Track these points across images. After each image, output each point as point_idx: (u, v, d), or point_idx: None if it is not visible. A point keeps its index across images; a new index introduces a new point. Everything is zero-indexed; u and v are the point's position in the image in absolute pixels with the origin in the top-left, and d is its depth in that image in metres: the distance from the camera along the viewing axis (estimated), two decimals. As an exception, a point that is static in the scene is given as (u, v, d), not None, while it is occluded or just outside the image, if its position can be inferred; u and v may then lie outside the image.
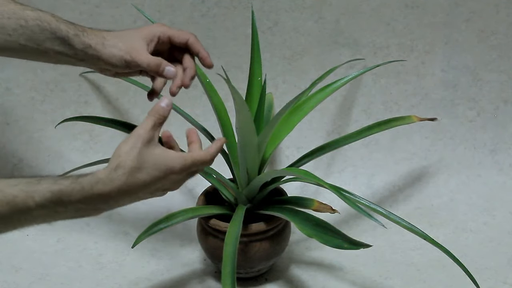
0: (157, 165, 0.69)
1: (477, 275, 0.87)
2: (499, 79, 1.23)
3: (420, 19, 1.18)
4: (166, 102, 0.73)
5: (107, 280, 1.03)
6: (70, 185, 0.66)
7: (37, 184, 0.65)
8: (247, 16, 1.15)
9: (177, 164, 0.70)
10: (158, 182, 0.69)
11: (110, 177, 0.67)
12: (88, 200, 0.66)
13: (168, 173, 0.69)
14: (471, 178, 1.25)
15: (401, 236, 1.07)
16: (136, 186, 0.68)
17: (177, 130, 1.21)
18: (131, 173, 0.67)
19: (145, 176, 0.68)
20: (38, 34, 0.78)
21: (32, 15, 0.78)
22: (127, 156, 0.67)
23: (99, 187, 0.66)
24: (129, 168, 0.67)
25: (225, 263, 0.82)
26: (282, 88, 1.22)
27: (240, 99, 0.79)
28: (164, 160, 0.69)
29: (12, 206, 0.63)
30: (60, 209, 0.66)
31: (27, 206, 0.64)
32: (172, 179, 0.71)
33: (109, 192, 0.67)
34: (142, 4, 1.14)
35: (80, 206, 0.67)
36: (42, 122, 1.20)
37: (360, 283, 1.01)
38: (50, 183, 0.65)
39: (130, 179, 0.67)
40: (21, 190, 0.64)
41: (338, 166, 1.26)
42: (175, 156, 0.70)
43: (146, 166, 0.68)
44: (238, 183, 0.98)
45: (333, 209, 0.90)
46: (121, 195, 0.68)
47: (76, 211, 0.67)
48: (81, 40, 0.79)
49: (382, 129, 1.02)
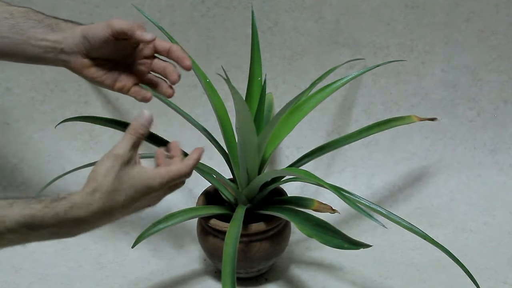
0: (135, 186, 0.67)
1: (477, 275, 0.87)
2: (499, 79, 1.23)
3: (420, 19, 1.18)
4: (146, 119, 0.69)
5: (107, 280, 1.03)
6: (43, 210, 0.64)
7: (9, 208, 0.63)
8: (247, 16, 1.15)
9: (155, 182, 0.68)
10: (136, 201, 0.68)
11: (85, 202, 0.65)
12: (61, 224, 0.65)
13: (146, 192, 0.68)
14: (471, 178, 1.25)
15: (401, 236, 1.07)
16: (114, 208, 0.67)
17: (177, 130, 1.22)
18: (108, 197, 0.66)
19: (123, 198, 0.67)
20: (21, 23, 0.77)
21: (20, 9, 0.78)
22: (104, 180, 0.66)
23: (73, 212, 0.65)
24: (106, 192, 0.65)
25: (225, 263, 0.82)
26: (282, 88, 1.22)
27: (240, 99, 0.79)
28: (142, 179, 0.68)
29: None
30: (32, 232, 0.65)
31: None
32: (151, 196, 0.70)
33: (84, 217, 0.65)
34: (142, 4, 1.14)
35: (53, 230, 0.65)
36: (42, 122, 1.20)
37: (360, 283, 1.01)
38: (21, 207, 0.64)
39: (107, 203, 0.66)
40: None
41: (338, 166, 1.26)
42: (152, 174, 0.68)
43: (124, 187, 0.67)
44: (238, 183, 0.98)
45: (333, 209, 0.90)
46: (97, 218, 0.66)
47: (49, 234, 0.66)
48: (70, 24, 0.78)
49: (382, 129, 1.02)
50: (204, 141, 1.05)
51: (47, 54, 0.79)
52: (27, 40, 0.78)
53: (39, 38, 0.78)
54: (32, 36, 0.78)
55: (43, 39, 0.78)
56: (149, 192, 0.68)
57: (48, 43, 0.78)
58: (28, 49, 0.78)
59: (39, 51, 0.79)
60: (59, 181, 0.98)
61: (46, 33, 0.78)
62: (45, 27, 0.78)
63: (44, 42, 0.78)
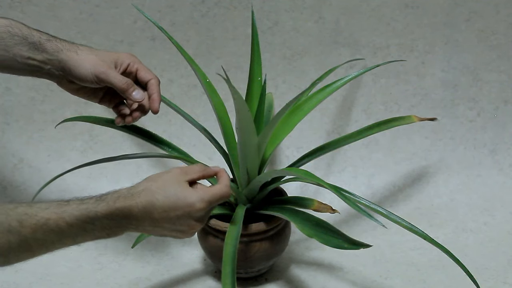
0: (177, 195, 0.72)
1: (477, 275, 0.87)
2: (499, 79, 1.23)
3: (420, 19, 1.18)
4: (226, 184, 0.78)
5: (107, 280, 1.03)
6: (95, 202, 0.70)
7: (66, 205, 0.69)
8: (247, 16, 1.15)
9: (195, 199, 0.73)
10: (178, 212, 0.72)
11: (130, 192, 0.72)
12: (112, 215, 0.70)
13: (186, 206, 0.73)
14: (471, 178, 1.25)
15: (401, 236, 1.07)
16: (155, 207, 0.71)
17: (177, 130, 1.23)
18: (151, 192, 0.72)
19: (164, 200, 0.72)
20: (7, 39, 0.79)
21: (3, 22, 0.79)
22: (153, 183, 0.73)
23: (120, 202, 0.70)
24: (150, 189, 0.72)
25: (225, 263, 0.82)
26: (282, 88, 1.22)
27: (240, 99, 0.79)
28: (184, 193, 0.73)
29: (45, 229, 0.67)
30: (88, 226, 0.69)
31: (59, 227, 0.67)
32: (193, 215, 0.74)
33: (129, 207, 0.71)
34: (142, 4, 1.14)
35: (106, 222, 0.70)
36: (42, 122, 1.20)
37: (360, 283, 1.01)
38: (77, 203, 0.69)
39: (149, 197, 0.71)
40: (52, 213, 0.67)
41: (338, 166, 1.26)
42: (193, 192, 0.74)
43: (167, 191, 0.72)
44: (238, 183, 0.98)
45: (333, 209, 0.90)
46: (142, 214, 0.71)
47: (102, 228, 0.70)
48: (53, 44, 0.80)
49: (382, 129, 1.02)
50: (204, 141, 1.05)
51: (34, 73, 0.81)
52: (14, 57, 0.79)
53: (25, 56, 0.79)
54: (17, 54, 0.79)
55: (29, 57, 0.80)
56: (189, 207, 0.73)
57: (35, 62, 0.80)
58: (15, 65, 0.80)
59: (26, 68, 0.80)
60: (59, 180, 0.98)
61: (32, 53, 0.79)
62: (29, 45, 0.79)
63: (30, 61, 0.80)
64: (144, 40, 1.17)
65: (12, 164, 1.21)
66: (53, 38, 0.81)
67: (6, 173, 1.20)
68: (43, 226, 0.66)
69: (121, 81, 0.80)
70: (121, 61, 0.83)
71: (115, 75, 0.80)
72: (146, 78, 0.84)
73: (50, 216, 0.67)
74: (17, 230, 0.65)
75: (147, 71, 0.84)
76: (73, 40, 1.15)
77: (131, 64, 0.84)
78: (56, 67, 0.80)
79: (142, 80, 0.84)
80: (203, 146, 1.19)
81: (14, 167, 1.20)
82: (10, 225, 0.65)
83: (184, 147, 1.06)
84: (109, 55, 0.82)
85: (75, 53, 0.80)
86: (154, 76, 0.84)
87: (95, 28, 1.15)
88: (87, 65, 0.79)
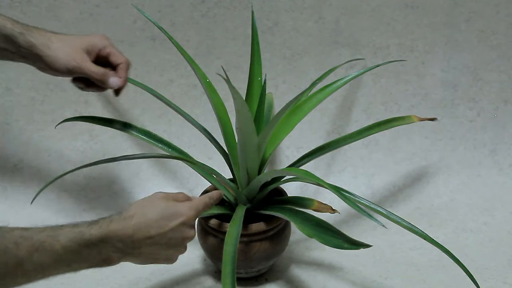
0: (168, 209, 0.76)
1: (477, 275, 0.87)
2: (499, 79, 1.23)
3: (420, 19, 1.18)
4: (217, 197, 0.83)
5: (107, 280, 1.03)
6: (88, 226, 0.71)
7: (60, 229, 0.69)
8: (247, 16, 1.15)
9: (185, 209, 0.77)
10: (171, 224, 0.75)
11: (122, 216, 0.73)
12: (106, 238, 0.71)
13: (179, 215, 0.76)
14: (471, 178, 1.25)
15: (401, 236, 1.07)
16: (150, 225, 0.74)
17: (177, 130, 1.22)
18: (142, 213, 0.74)
19: (157, 216, 0.74)
20: None
21: None
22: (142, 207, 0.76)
23: (114, 225, 0.71)
24: (141, 211, 0.74)
25: (225, 263, 0.82)
26: (282, 88, 1.22)
27: (240, 99, 0.79)
28: (173, 206, 0.76)
29: (41, 252, 0.66)
30: (83, 251, 0.70)
31: (54, 250, 0.67)
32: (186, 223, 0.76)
33: (124, 228, 0.72)
34: (142, 4, 1.14)
35: (101, 246, 0.71)
36: (42, 122, 1.20)
37: (360, 283, 1.01)
38: (71, 227, 0.70)
39: (142, 218, 0.73)
40: (48, 236, 0.67)
41: (338, 166, 1.26)
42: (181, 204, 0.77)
43: (158, 209, 0.75)
44: (238, 183, 0.98)
45: (333, 209, 0.90)
46: (138, 234, 0.73)
47: (98, 253, 0.71)
48: (26, 38, 0.81)
49: (382, 129, 1.02)
50: (204, 141, 1.05)
51: (13, 59, 0.83)
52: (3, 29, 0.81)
53: (1, 47, 0.81)
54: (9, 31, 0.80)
55: (5, 48, 0.81)
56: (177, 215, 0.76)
57: (10, 53, 0.82)
58: None
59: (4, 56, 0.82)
60: (59, 180, 0.98)
61: (7, 44, 0.81)
62: (3, 37, 0.81)
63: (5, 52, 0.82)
64: (144, 40, 1.17)
65: (12, 164, 1.21)
66: (25, 30, 0.81)
67: (6, 173, 1.20)
68: (38, 249, 0.66)
69: (96, 74, 0.83)
70: (92, 47, 0.84)
71: (89, 67, 0.83)
72: (116, 62, 0.86)
73: (46, 239, 0.67)
74: (14, 252, 0.64)
75: (118, 55, 0.86)
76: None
77: (102, 49, 0.85)
78: (31, 59, 0.82)
79: (113, 64, 0.86)
80: (203, 146, 1.19)
81: (14, 167, 1.20)
82: (7, 246, 0.64)
83: (184, 147, 1.06)
84: (81, 42, 0.83)
85: (48, 48, 0.81)
86: (124, 60, 0.86)
87: (95, 28, 1.15)
88: (61, 59, 0.81)
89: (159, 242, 0.74)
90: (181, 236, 0.76)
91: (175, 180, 1.23)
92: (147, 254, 0.75)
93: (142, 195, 1.21)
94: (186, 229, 0.76)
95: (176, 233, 0.75)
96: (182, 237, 0.76)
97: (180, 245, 0.77)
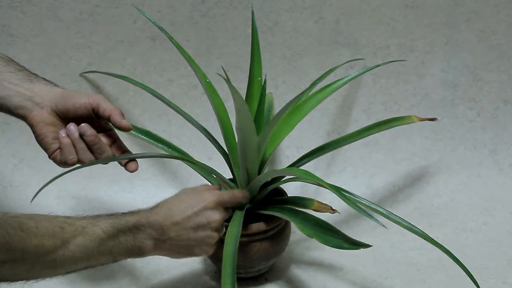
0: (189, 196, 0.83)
1: (477, 275, 0.87)
2: (499, 79, 1.23)
3: (420, 19, 1.18)
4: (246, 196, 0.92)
5: (107, 280, 1.03)
6: (121, 215, 0.77)
7: (98, 217, 0.76)
8: (247, 16, 1.15)
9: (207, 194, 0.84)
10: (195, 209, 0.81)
11: (149, 208, 0.81)
12: (139, 223, 0.77)
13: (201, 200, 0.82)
14: (471, 178, 1.25)
15: (401, 236, 1.07)
16: (175, 211, 0.80)
17: (177, 130, 1.22)
18: (167, 204, 0.82)
19: (180, 203, 0.81)
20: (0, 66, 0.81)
21: None
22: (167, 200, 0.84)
23: (144, 213, 0.79)
24: (166, 201, 0.83)
25: (225, 263, 0.82)
26: (282, 88, 1.22)
27: (240, 99, 0.79)
28: (196, 193, 0.84)
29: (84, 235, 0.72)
30: (121, 235, 0.75)
31: (96, 234, 0.73)
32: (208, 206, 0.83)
33: (151, 215, 0.79)
34: (142, 4, 1.14)
35: (135, 231, 0.77)
36: (42, 122, 1.20)
37: (360, 283, 1.01)
38: (107, 215, 0.77)
39: (167, 207, 0.81)
40: (88, 222, 0.73)
41: (338, 166, 1.26)
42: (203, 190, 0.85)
43: (180, 198, 0.83)
44: (238, 183, 0.98)
45: (333, 209, 0.90)
46: (165, 221, 0.79)
47: (133, 239, 0.77)
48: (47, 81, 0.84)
49: (382, 129, 1.02)
50: (204, 141, 1.05)
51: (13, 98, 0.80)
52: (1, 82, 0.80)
53: (14, 82, 0.80)
54: (6, 79, 0.80)
55: (17, 84, 0.81)
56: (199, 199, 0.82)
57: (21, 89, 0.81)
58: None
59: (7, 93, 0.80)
60: (59, 180, 0.98)
61: (22, 81, 0.81)
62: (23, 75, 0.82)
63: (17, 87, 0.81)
64: (144, 40, 1.17)
65: (12, 164, 1.21)
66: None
67: (6, 173, 1.20)
68: (82, 233, 0.71)
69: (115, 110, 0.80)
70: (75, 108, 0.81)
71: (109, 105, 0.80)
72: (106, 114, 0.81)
73: (87, 225, 0.72)
74: (61, 235, 0.69)
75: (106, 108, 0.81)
76: (72, 41, 1.15)
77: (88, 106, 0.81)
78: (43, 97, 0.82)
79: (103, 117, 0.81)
80: (203, 146, 1.19)
81: (14, 167, 1.20)
82: (54, 230, 0.69)
83: (184, 147, 1.06)
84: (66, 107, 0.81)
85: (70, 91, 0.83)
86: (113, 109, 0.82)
87: (95, 28, 1.15)
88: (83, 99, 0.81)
89: (185, 226, 0.80)
90: (206, 219, 0.81)
91: (175, 180, 1.23)
92: (177, 242, 0.81)
93: (142, 195, 1.21)
94: (209, 212, 0.82)
95: (200, 216, 0.81)
96: (207, 220, 0.82)
97: (208, 228, 0.82)
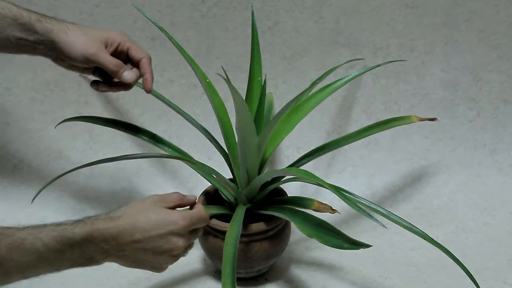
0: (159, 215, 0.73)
1: (477, 275, 0.87)
2: (499, 79, 1.23)
3: (420, 19, 1.18)
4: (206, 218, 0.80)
5: (107, 280, 1.03)
6: (72, 224, 0.68)
7: (43, 227, 0.67)
8: (247, 16, 1.15)
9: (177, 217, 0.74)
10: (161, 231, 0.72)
11: (109, 216, 0.71)
12: (90, 237, 0.68)
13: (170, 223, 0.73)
14: (471, 178, 1.25)
15: (401, 236, 1.07)
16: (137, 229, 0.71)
17: (177, 130, 1.22)
18: (131, 215, 0.72)
19: (146, 220, 0.72)
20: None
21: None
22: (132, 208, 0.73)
23: (99, 223, 0.69)
24: (129, 212, 0.72)
25: (225, 263, 0.82)
26: (282, 88, 1.22)
27: (240, 99, 0.79)
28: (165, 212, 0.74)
29: (21, 249, 0.64)
30: (66, 249, 0.67)
31: (35, 248, 0.65)
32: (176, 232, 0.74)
33: (109, 228, 0.70)
34: (142, 4, 1.14)
35: (84, 245, 0.68)
36: (42, 122, 1.20)
37: (360, 283, 1.01)
38: (54, 225, 0.68)
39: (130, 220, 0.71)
40: (29, 233, 0.65)
41: (338, 166, 1.26)
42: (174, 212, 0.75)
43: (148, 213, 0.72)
44: (238, 183, 0.98)
45: (333, 209, 0.90)
46: (123, 236, 0.70)
47: (81, 253, 0.69)
48: (43, 25, 0.80)
49: (382, 129, 1.02)
50: (204, 141, 1.05)
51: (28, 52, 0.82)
52: (7, 38, 0.80)
53: (18, 37, 0.80)
54: (10, 35, 0.80)
55: (21, 38, 0.80)
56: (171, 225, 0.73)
57: (27, 42, 0.80)
58: (9, 45, 0.81)
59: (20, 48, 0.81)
60: (59, 180, 0.98)
61: (24, 33, 0.80)
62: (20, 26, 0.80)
63: (23, 41, 0.80)
64: (144, 40, 1.17)
65: (12, 164, 1.21)
66: (43, 18, 0.80)
67: (6, 173, 1.20)
68: (19, 246, 0.64)
69: (111, 63, 0.81)
70: (111, 40, 0.83)
71: (105, 56, 0.80)
72: (137, 57, 0.83)
73: (27, 237, 0.65)
74: None
75: (138, 50, 0.84)
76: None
77: (121, 43, 0.83)
78: (48, 47, 0.81)
79: (134, 59, 0.84)
80: (203, 146, 1.19)
81: (14, 167, 1.20)
82: None
83: (184, 147, 1.06)
84: (99, 34, 0.82)
85: (65, 34, 0.80)
86: (146, 54, 0.84)
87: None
88: (77, 46, 0.79)
89: (145, 247, 0.72)
90: (169, 245, 0.73)
91: (175, 180, 1.23)
92: (132, 258, 0.72)
93: (142, 195, 1.21)
94: (174, 239, 0.73)
95: (163, 240, 0.72)
96: (169, 247, 0.73)
97: (168, 255, 0.74)
